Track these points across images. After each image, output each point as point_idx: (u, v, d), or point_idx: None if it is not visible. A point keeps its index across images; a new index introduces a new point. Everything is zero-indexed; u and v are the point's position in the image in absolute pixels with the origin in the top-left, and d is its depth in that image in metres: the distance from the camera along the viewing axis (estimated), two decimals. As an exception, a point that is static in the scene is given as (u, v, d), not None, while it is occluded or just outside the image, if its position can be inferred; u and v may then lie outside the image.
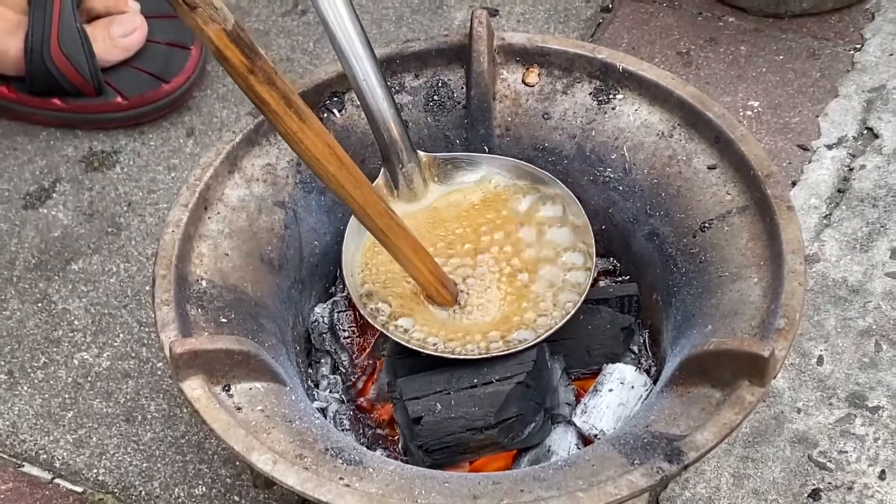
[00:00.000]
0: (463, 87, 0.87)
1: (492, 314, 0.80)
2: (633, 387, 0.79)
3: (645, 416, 0.71)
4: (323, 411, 0.82)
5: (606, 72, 0.85)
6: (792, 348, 0.78)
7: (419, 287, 0.79)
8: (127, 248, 1.02)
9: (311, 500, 0.65)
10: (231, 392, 0.71)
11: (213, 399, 0.69)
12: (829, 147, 1.04)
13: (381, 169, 0.83)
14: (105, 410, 0.92)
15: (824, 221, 0.99)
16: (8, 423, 0.91)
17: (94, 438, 0.90)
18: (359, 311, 0.80)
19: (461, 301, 0.80)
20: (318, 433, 0.71)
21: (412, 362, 0.80)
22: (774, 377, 0.68)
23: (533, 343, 0.77)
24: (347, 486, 0.65)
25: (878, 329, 0.91)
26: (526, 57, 0.87)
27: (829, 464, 0.85)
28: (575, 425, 0.79)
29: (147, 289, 0.99)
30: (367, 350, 0.85)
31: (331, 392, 0.84)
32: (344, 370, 0.85)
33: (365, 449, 0.72)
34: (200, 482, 0.87)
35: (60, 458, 0.89)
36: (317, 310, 0.87)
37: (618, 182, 0.85)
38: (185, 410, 0.91)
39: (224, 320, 0.75)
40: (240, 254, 0.80)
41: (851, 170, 1.02)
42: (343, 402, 0.83)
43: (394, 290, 0.81)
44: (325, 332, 0.86)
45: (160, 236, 0.76)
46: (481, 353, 0.77)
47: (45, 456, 0.90)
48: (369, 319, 0.79)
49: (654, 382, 0.80)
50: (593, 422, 0.78)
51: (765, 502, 0.83)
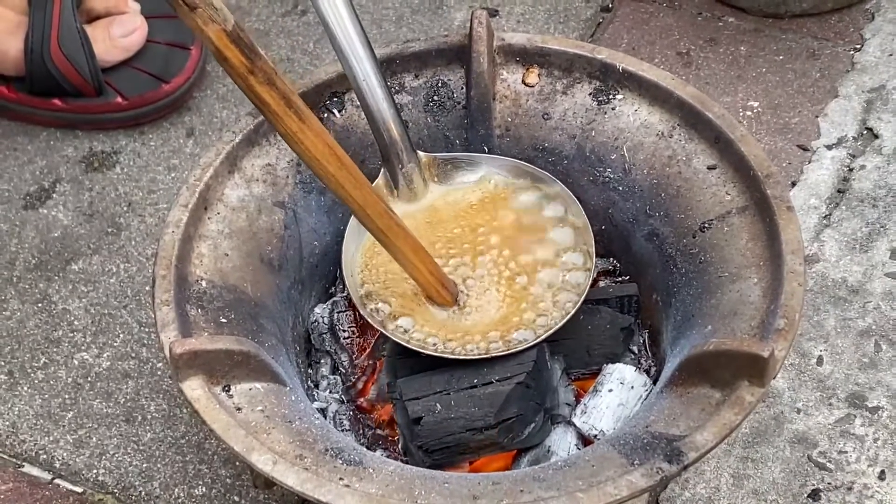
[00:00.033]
0: (463, 88, 0.87)
1: (491, 314, 0.80)
2: (632, 387, 0.79)
3: (645, 417, 0.71)
4: (323, 412, 0.82)
5: (606, 72, 0.85)
6: (791, 349, 0.78)
7: (419, 287, 0.79)
8: (127, 249, 1.02)
9: (311, 500, 0.65)
10: (231, 392, 0.71)
11: (213, 399, 0.69)
12: (829, 147, 1.04)
13: (381, 169, 0.83)
14: (105, 411, 0.92)
15: (824, 222, 0.99)
16: (8, 423, 0.91)
17: (94, 439, 0.90)
18: (359, 311, 0.80)
19: (461, 301, 0.80)
20: (318, 433, 0.70)
21: (412, 362, 0.80)
22: (774, 377, 0.68)
23: (533, 343, 0.77)
24: (347, 486, 0.65)
25: (877, 329, 0.91)
26: (526, 57, 0.87)
27: (828, 464, 0.85)
28: (575, 426, 0.79)
29: (147, 289, 0.99)
30: (367, 350, 0.85)
31: (331, 392, 0.84)
32: (344, 370, 0.85)
33: (365, 449, 0.72)
34: (200, 482, 0.87)
35: (60, 458, 0.89)
36: (317, 310, 0.87)
37: (618, 182, 0.85)
38: (184, 411, 0.91)
39: (224, 320, 0.75)
40: (240, 254, 0.80)
41: (851, 170, 1.02)
42: (343, 402, 0.83)
43: (394, 290, 0.81)
44: (325, 333, 0.86)
45: (160, 236, 0.76)
46: (481, 354, 0.77)
47: (45, 456, 0.90)
48: (369, 320, 0.79)
49: (654, 383, 0.80)
50: (593, 422, 0.78)
51: (764, 502, 0.83)
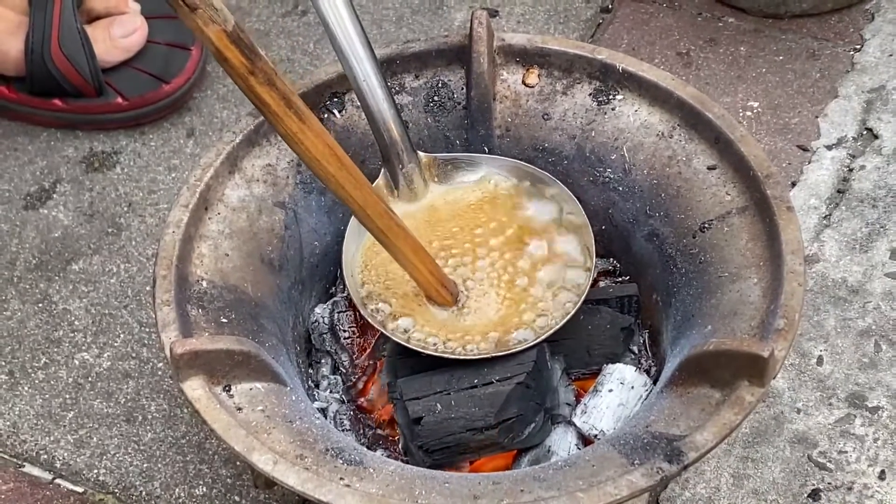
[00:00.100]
0: (463, 88, 0.87)
1: (492, 314, 0.80)
2: (632, 387, 0.79)
3: (645, 417, 0.71)
4: (323, 411, 0.82)
5: (606, 72, 0.85)
6: (791, 349, 0.78)
7: (419, 287, 0.79)
8: (127, 249, 1.02)
9: (312, 500, 0.65)
10: (231, 392, 0.71)
11: (214, 399, 0.69)
12: (829, 148, 1.04)
13: (382, 169, 0.83)
14: (106, 411, 0.92)
15: (824, 222, 0.99)
16: (9, 423, 0.91)
17: (95, 439, 0.90)
18: (359, 311, 0.80)
19: (461, 301, 0.80)
20: (319, 433, 0.71)
21: (412, 362, 0.80)
22: (774, 377, 0.68)
23: (533, 343, 0.77)
24: (348, 486, 0.65)
25: (877, 329, 0.91)
26: (526, 58, 0.87)
27: (828, 464, 0.85)
28: (575, 425, 0.79)
29: (147, 289, 0.99)
30: (368, 350, 0.85)
31: (331, 392, 0.84)
32: (344, 370, 0.85)
33: (365, 449, 0.72)
34: (201, 482, 0.87)
35: (61, 458, 0.89)
36: (317, 310, 0.87)
37: (618, 182, 0.85)
38: (185, 411, 0.91)
39: (224, 321, 0.75)
40: (240, 254, 0.80)
41: (851, 170, 1.02)
42: (343, 402, 0.83)
43: (394, 290, 0.81)
44: (326, 333, 0.86)
45: (161, 237, 0.76)
46: (481, 354, 0.77)
47: (45, 456, 0.90)
48: (370, 320, 0.79)
49: (654, 383, 0.80)
50: (593, 422, 0.78)
51: (765, 502, 0.83)
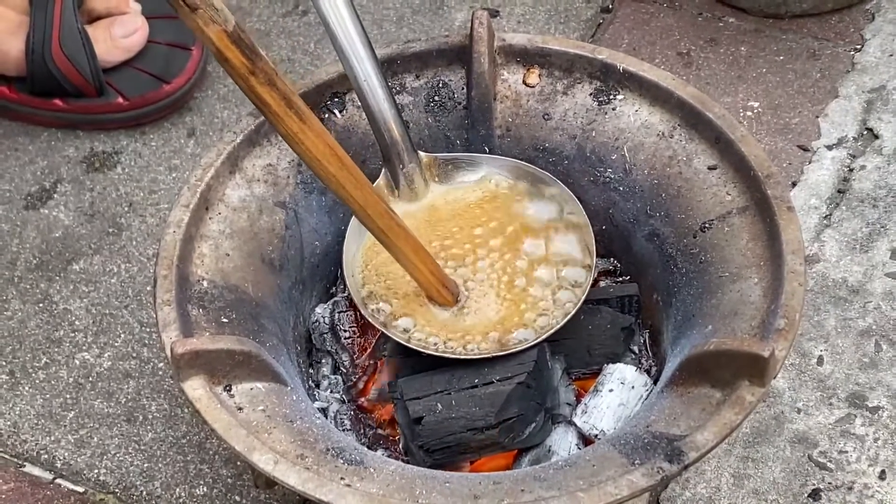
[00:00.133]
0: (463, 88, 0.87)
1: (492, 314, 0.80)
2: (633, 387, 0.79)
3: (645, 417, 0.71)
4: (324, 411, 0.82)
5: (607, 72, 0.85)
6: (792, 348, 0.78)
7: (420, 287, 0.79)
8: (128, 249, 1.02)
9: (313, 500, 0.65)
10: (232, 392, 0.71)
11: (215, 399, 0.69)
12: (830, 147, 1.04)
13: (382, 169, 0.83)
14: (106, 410, 0.92)
15: (824, 222, 0.99)
16: (9, 423, 0.92)
17: (96, 438, 0.90)
18: (360, 311, 0.80)
19: (462, 301, 0.81)
20: (319, 433, 0.71)
21: (413, 362, 0.80)
22: (774, 377, 0.68)
23: (533, 343, 0.77)
24: (348, 486, 0.65)
25: (878, 329, 0.91)
26: (526, 57, 0.87)
27: (829, 464, 0.85)
28: (575, 425, 0.79)
29: (148, 289, 0.99)
30: (368, 350, 0.85)
31: (332, 392, 0.84)
32: (345, 370, 0.85)
33: (366, 449, 0.72)
34: (202, 482, 0.87)
35: (62, 458, 0.89)
36: (318, 310, 0.87)
37: (618, 182, 0.85)
38: (186, 410, 0.91)
39: (225, 320, 0.75)
40: (241, 254, 0.80)
41: (851, 170, 1.02)
42: (344, 402, 0.83)
43: (395, 290, 0.81)
44: (326, 333, 0.86)
45: (161, 237, 0.76)
46: (482, 353, 0.77)
47: (46, 456, 0.90)
48: (370, 320, 0.79)
49: (655, 382, 0.80)
50: (594, 422, 0.78)
51: (765, 502, 0.83)
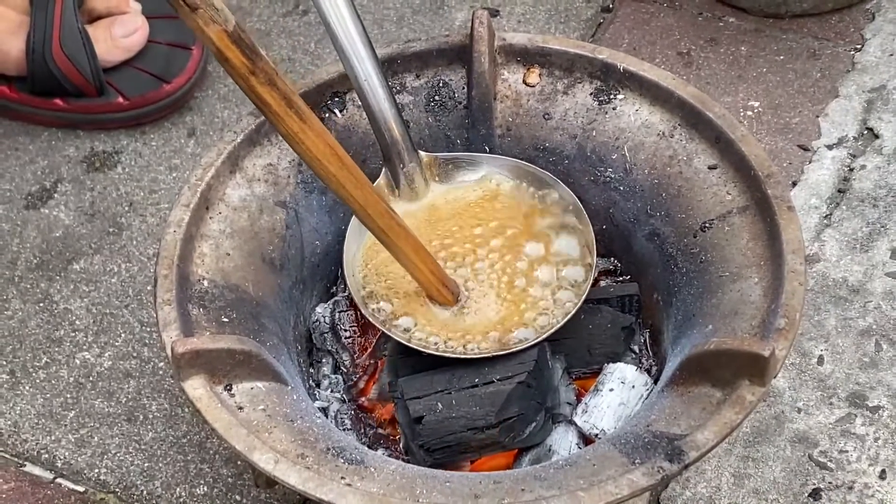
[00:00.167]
0: (464, 88, 0.87)
1: (492, 314, 0.80)
2: (633, 386, 0.79)
3: (646, 416, 0.71)
4: (324, 411, 0.82)
5: (607, 72, 0.85)
6: (792, 348, 0.78)
7: (420, 287, 0.79)
8: (128, 248, 1.02)
9: (313, 499, 0.65)
10: (233, 391, 0.71)
11: (215, 399, 0.69)
12: (830, 147, 1.04)
13: (383, 169, 0.83)
14: (107, 410, 0.92)
15: (825, 221, 0.99)
16: (10, 422, 0.92)
17: (96, 438, 0.90)
18: (360, 310, 0.81)
19: (462, 301, 0.81)
20: (320, 433, 0.71)
21: (413, 362, 0.80)
22: (775, 377, 0.68)
23: (534, 342, 0.77)
24: (349, 485, 0.65)
25: (878, 329, 0.91)
26: (527, 57, 0.87)
27: (829, 463, 0.85)
28: (576, 425, 0.79)
29: (148, 289, 0.99)
30: (369, 350, 0.85)
31: (332, 392, 0.84)
32: (345, 370, 0.85)
33: (366, 448, 0.72)
34: (202, 482, 0.87)
35: (62, 457, 0.89)
36: (318, 309, 0.87)
37: (618, 182, 0.85)
38: (186, 410, 0.91)
39: (226, 320, 0.75)
40: (241, 253, 0.80)
41: (852, 170, 1.02)
42: (344, 401, 0.83)
43: (395, 289, 0.81)
44: (327, 332, 0.86)
45: (162, 236, 0.76)
46: (482, 353, 0.77)
47: (46, 455, 0.90)
48: (371, 319, 0.79)
49: (655, 382, 0.80)
50: (594, 421, 0.78)
51: (765, 502, 0.83)
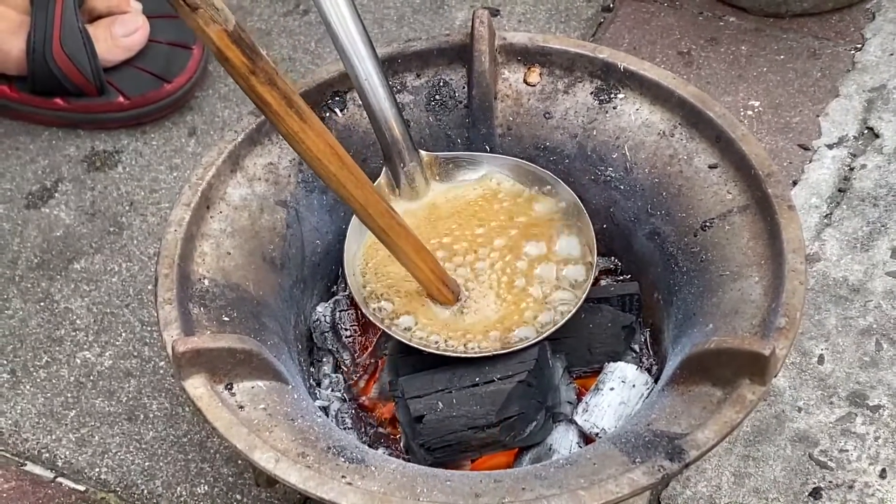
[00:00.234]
0: (464, 87, 0.87)
1: (492, 313, 0.80)
2: (634, 385, 0.79)
3: (646, 415, 0.71)
4: (325, 410, 0.82)
5: (608, 71, 0.85)
6: (793, 347, 0.78)
7: (421, 286, 0.79)
8: (129, 248, 1.02)
9: (314, 498, 0.65)
10: (233, 391, 0.71)
11: (216, 398, 0.69)
12: (830, 147, 1.04)
13: (383, 168, 0.83)
14: (107, 409, 0.92)
15: (825, 221, 0.99)
16: (10, 421, 0.92)
17: (97, 437, 0.90)
18: (361, 309, 0.81)
19: (462, 300, 0.81)
20: (321, 432, 0.71)
21: (414, 361, 0.80)
22: (775, 376, 0.68)
23: (534, 341, 0.77)
24: (349, 484, 0.65)
25: (878, 328, 0.91)
26: (527, 56, 0.87)
27: (829, 462, 0.85)
28: (576, 424, 0.79)
29: (149, 288, 0.99)
30: (369, 349, 0.85)
31: (333, 391, 0.84)
32: (346, 369, 0.85)
33: (367, 447, 0.73)
34: (202, 481, 0.87)
35: (63, 456, 0.89)
36: (319, 308, 0.87)
37: (619, 181, 0.85)
38: (187, 409, 0.91)
39: (226, 319, 0.75)
40: (242, 253, 0.80)
41: (852, 169, 1.02)
42: (345, 400, 0.83)
43: (396, 288, 0.81)
44: (327, 331, 0.86)
45: (162, 235, 0.76)
46: (483, 352, 0.77)
47: (47, 455, 0.90)
48: (372, 319, 0.79)
49: (656, 381, 0.80)
50: (595, 420, 0.78)
51: (766, 501, 0.83)
